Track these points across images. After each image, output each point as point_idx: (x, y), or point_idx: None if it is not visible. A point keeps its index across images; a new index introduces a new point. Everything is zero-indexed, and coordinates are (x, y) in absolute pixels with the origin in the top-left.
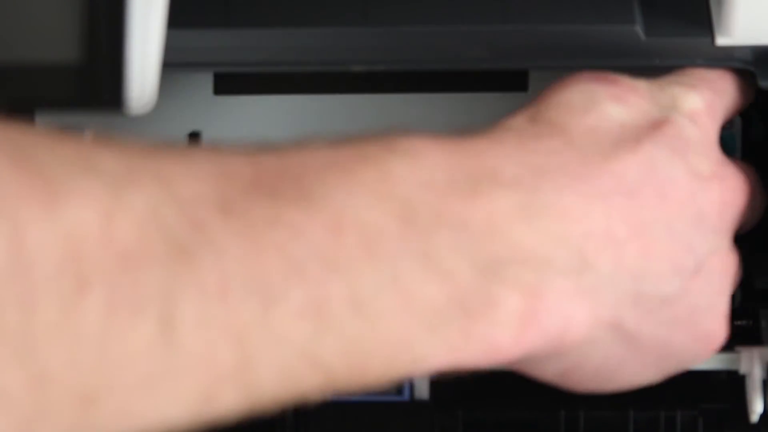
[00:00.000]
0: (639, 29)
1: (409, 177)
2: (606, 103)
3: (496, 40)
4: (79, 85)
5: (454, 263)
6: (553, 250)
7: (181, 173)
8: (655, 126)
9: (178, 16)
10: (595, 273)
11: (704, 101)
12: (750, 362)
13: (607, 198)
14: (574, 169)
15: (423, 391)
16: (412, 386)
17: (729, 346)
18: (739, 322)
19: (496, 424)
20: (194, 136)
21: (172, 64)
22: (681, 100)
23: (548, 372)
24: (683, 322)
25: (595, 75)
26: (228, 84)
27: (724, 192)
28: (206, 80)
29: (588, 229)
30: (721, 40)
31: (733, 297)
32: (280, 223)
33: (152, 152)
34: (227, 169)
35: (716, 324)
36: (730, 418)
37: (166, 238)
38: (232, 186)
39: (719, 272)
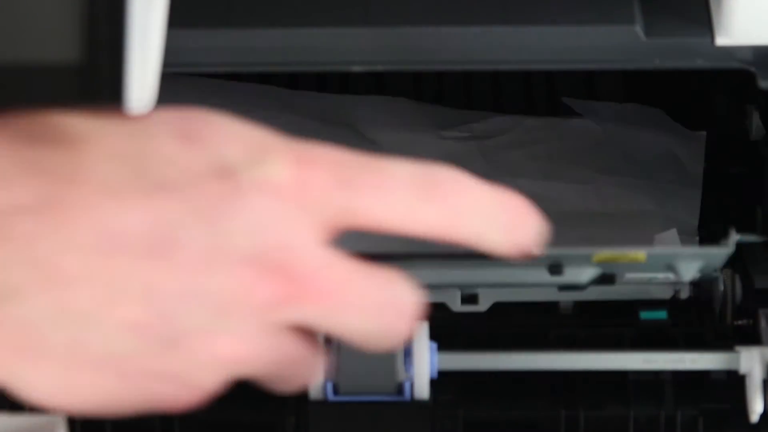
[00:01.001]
0: (639, 29)
1: None
2: (167, 140)
3: (496, 40)
4: (79, 85)
5: None
6: None
7: None
8: (203, 180)
9: (178, 16)
10: (20, 304)
11: (297, 181)
12: (750, 362)
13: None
14: (65, 207)
15: (423, 391)
16: (412, 386)
17: (729, 346)
18: (739, 322)
19: (496, 424)
20: None
21: (173, 65)
22: (262, 165)
23: None
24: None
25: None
26: None
27: (265, 284)
28: None
29: (26, 256)
30: (721, 40)
31: (733, 297)
32: None
33: None
34: None
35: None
36: (730, 418)
37: None
38: None
39: (212, 352)
